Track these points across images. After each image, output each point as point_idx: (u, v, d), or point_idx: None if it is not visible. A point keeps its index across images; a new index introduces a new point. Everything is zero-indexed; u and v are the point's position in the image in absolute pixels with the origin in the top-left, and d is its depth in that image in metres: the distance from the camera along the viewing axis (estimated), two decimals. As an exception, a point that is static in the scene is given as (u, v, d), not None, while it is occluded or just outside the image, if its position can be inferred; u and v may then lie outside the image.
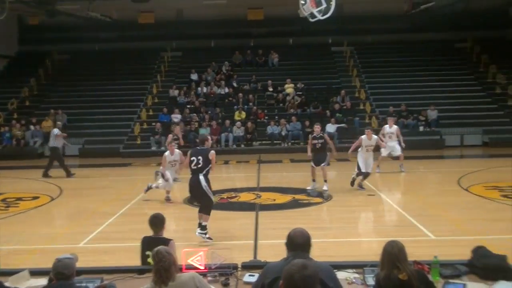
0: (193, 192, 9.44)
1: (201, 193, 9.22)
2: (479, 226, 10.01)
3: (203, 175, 9.13)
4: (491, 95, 27.33)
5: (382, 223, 10.49)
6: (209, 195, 9.25)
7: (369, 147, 14.16)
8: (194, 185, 9.20)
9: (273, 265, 4.20)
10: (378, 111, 26.28)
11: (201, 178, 9.11)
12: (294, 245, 4.23)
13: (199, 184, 9.12)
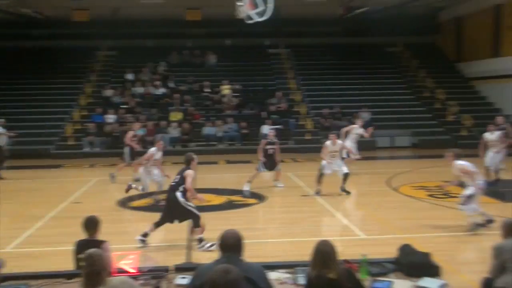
0: (168, 209, 9.06)
1: (182, 210, 8.87)
2: (407, 225, 10.37)
3: (180, 192, 8.85)
4: (420, 98, 28.38)
5: (314, 223, 10.69)
6: (191, 209, 8.92)
7: (333, 152, 13.92)
8: (171, 203, 8.95)
9: (205, 268, 4.20)
10: (313, 113, 26.74)
11: (177, 195, 8.85)
12: (225, 246, 4.25)
13: (176, 201, 8.85)
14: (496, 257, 5.58)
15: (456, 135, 25.40)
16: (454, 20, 32.13)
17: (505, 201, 12.66)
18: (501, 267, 5.49)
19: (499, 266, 5.51)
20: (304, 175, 16.88)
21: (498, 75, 27.27)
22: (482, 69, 28.82)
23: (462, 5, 29.79)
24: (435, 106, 27.75)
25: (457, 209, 10.54)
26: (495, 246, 5.65)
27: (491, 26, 28.28)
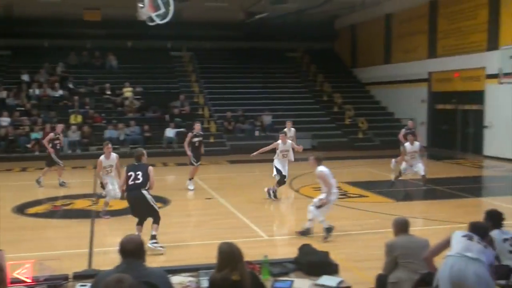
0: (137, 207, 8.99)
1: (148, 208, 8.89)
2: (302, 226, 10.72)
3: (145, 190, 8.81)
4: (319, 102, 29.41)
5: (219, 225, 10.78)
6: (155, 207, 8.99)
7: (285, 152, 13.83)
8: (139, 200, 8.85)
9: (104, 274, 4.14)
10: (216, 116, 26.90)
11: (144, 193, 8.78)
12: (125, 252, 4.20)
13: (144, 199, 8.79)
14: (388, 254, 5.91)
15: (352, 137, 26.58)
16: (350, 28, 33.63)
17: (398, 200, 13.41)
18: (394, 263, 5.83)
19: (392, 262, 5.84)
20: (208, 178, 16.96)
21: (390, 80, 28.89)
22: (375, 75, 30.40)
23: (356, 14, 31.24)
24: (333, 109, 28.86)
25: (355, 208, 11.08)
26: (388, 243, 5.99)
27: (383, 34, 29.89)
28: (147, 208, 8.93)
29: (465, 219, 10.63)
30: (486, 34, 22.14)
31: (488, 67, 21.29)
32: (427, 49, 26.11)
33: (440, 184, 15.82)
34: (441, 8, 25.23)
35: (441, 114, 25.32)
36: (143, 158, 9.16)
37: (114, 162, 11.69)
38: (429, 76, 25.87)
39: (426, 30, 26.15)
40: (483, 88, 22.17)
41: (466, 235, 5.20)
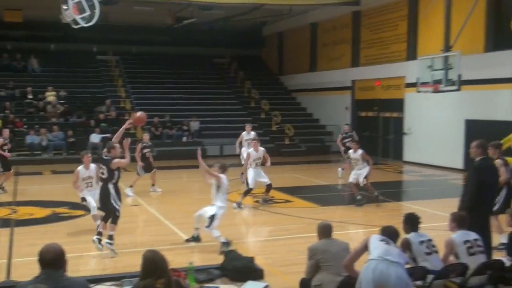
0: (102, 201, 9.24)
1: (108, 205, 9.07)
2: (235, 231, 10.83)
3: (112, 183, 9.01)
4: (246, 108, 29.66)
5: (145, 233, 10.69)
6: (115, 205, 9.05)
7: (258, 160, 13.53)
8: (103, 195, 9.10)
9: (23, 285, 4.05)
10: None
11: (109, 187, 8.98)
12: (44, 262, 4.11)
13: (108, 194, 9.00)
14: (311, 258, 6.09)
15: (279, 143, 26.96)
16: (277, 35, 34.18)
17: (323, 205, 13.75)
18: (316, 267, 6.01)
19: (314, 265, 6.02)
20: (135, 184, 16.71)
21: (315, 88, 29.58)
22: (301, 82, 31.04)
23: (283, 22, 31.80)
24: (260, 116, 29.19)
25: (281, 213, 11.27)
26: (310, 248, 6.16)
27: (308, 42, 30.58)
28: (106, 204, 9.09)
29: (386, 222, 11.07)
30: (405, 45, 23.14)
31: (407, 76, 22.22)
32: (351, 58, 26.96)
33: (362, 189, 16.34)
34: (363, 19, 26.13)
35: (363, 121, 26.18)
36: (113, 151, 9.17)
37: (94, 173, 10.54)
38: (353, 84, 26.70)
39: (350, 39, 27.00)
40: (402, 97, 23.14)
41: (383, 240, 5.45)
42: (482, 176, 7.39)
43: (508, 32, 18.55)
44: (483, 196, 7.33)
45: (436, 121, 20.95)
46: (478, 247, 6.18)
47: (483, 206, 7.34)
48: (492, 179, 7.55)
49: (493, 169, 7.72)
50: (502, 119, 18.08)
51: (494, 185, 7.63)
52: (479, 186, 7.33)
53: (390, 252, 5.27)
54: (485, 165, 7.51)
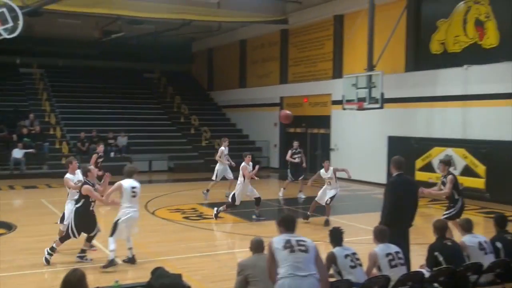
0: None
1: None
2: (162, 248, 10.73)
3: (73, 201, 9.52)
4: (176, 124, 29.51)
5: (69, 251, 10.38)
6: (69, 223, 9.29)
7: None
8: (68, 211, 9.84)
9: None
10: (69, 136, 25.87)
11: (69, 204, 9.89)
12: None
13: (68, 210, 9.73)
14: (239, 273, 6.09)
15: (209, 159, 26.91)
16: (207, 51, 34.35)
17: (252, 221, 13.84)
18: (244, 282, 6.03)
19: (242, 281, 6.03)
20: (59, 201, 16.17)
21: (245, 104, 29.89)
22: (231, 98, 31.29)
23: (213, 38, 32.04)
24: (190, 131, 29.12)
25: (210, 229, 11.24)
26: (240, 263, 6.20)
27: (238, 59, 30.93)
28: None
29: (314, 237, 11.32)
30: (331, 63, 23.86)
31: (333, 94, 22.89)
32: (279, 75, 27.47)
33: (291, 204, 16.66)
34: (291, 37, 26.74)
35: (292, 137, 26.55)
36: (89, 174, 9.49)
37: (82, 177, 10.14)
38: (281, 101, 27.17)
39: (278, 57, 27.54)
40: (329, 113, 23.77)
41: (287, 246, 5.28)
42: (397, 192, 7.66)
43: (427, 54, 19.56)
44: (399, 211, 7.57)
45: (361, 137, 21.67)
46: (399, 259, 6.45)
47: (400, 221, 7.59)
48: (407, 195, 7.70)
49: (408, 184, 7.92)
50: (421, 135, 18.96)
51: (410, 200, 7.73)
52: (394, 202, 7.59)
53: (299, 264, 5.19)
54: (399, 181, 7.75)
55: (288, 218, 5.57)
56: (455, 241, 7.01)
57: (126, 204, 9.20)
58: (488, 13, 17.42)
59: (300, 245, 5.28)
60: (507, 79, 16.46)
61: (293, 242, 5.30)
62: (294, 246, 5.26)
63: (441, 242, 6.92)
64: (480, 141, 17.07)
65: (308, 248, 5.30)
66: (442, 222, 7.16)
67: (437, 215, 14.75)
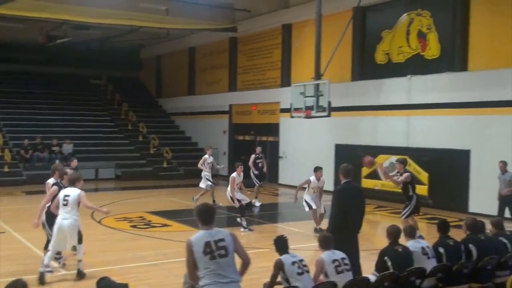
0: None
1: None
2: (108, 257, 10.55)
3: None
4: (123, 131, 29.10)
5: (12, 262, 10.08)
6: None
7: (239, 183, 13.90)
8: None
9: None
10: (12, 143, 25.09)
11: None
12: None
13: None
14: (186, 282, 6.02)
15: (157, 167, 26.72)
16: (155, 58, 34.09)
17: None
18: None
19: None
20: (3, 210, 15.76)
21: (194, 111, 29.81)
22: (180, 105, 31.16)
23: (161, 45, 31.85)
24: (138, 139, 28.77)
25: (158, 238, 11.10)
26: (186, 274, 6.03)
27: (187, 66, 30.85)
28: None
29: (262, 244, 11.41)
30: (280, 72, 24.12)
31: (282, 102, 23.12)
32: (228, 82, 27.55)
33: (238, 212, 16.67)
34: (240, 45, 26.88)
35: (241, 144, 26.73)
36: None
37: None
38: (230, 109, 27.24)
39: (227, 64, 27.62)
40: (278, 121, 23.99)
41: (207, 251, 5.18)
42: (344, 198, 7.88)
43: (372, 63, 20.06)
44: (346, 218, 7.78)
45: (308, 145, 21.95)
46: (345, 265, 6.58)
47: (347, 227, 7.79)
48: (354, 202, 7.93)
49: (355, 191, 8.16)
50: (367, 144, 19.39)
51: (357, 207, 7.96)
52: (341, 208, 7.83)
53: (220, 271, 5.11)
54: (347, 188, 7.98)
55: (204, 210, 5.33)
56: (406, 247, 7.16)
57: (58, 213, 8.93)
58: (430, 25, 18.02)
59: (220, 248, 5.14)
60: (448, 89, 17.07)
61: (213, 245, 5.14)
62: (214, 252, 5.12)
63: (392, 247, 7.10)
64: (423, 149, 17.59)
65: (227, 250, 5.18)
66: (395, 228, 7.30)
67: (384, 221, 15.15)
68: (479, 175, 16.03)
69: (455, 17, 17.24)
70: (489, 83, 15.99)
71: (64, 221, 8.82)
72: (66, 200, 8.88)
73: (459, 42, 17.06)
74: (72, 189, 9.01)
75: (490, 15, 16.32)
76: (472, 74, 16.68)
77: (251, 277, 8.71)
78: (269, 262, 6.73)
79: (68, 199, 8.86)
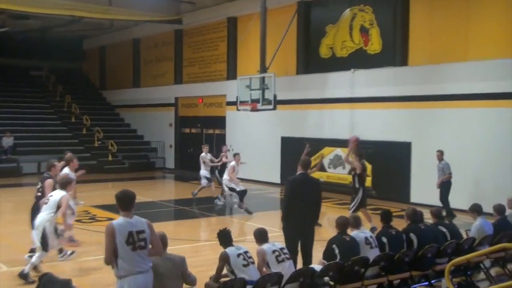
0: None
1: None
2: (52, 252, 10.33)
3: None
4: (66, 124, 28.43)
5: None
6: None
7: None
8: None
9: None
10: None
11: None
12: None
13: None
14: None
15: (102, 160, 26.29)
16: (99, 49, 33.40)
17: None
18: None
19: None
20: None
21: (139, 104, 29.45)
22: (125, 98, 30.71)
23: (105, 36, 31.25)
24: (82, 132, 28.19)
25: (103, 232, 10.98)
26: None
27: (131, 58, 30.40)
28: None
29: (209, 237, 11.46)
30: (226, 65, 24.13)
31: (228, 95, 23.16)
32: (174, 75, 27.35)
33: (187, 205, 16.68)
34: (185, 37, 26.72)
35: (187, 137, 26.63)
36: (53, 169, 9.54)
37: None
38: (176, 101, 27.06)
39: (172, 57, 27.40)
40: (224, 114, 24.02)
41: (129, 242, 5.32)
42: (294, 188, 8.13)
43: (317, 57, 20.35)
44: (296, 207, 8.03)
45: (255, 138, 22.09)
46: (285, 254, 6.78)
47: (297, 216, 8.02)
48: (306, 192, 8.16)
49: (308, 182, 8.40)
50: (312, 136, 19.69)
51: (309, 197, 8.18)
52: (291, 198, 8.09)
53: (139, 262, 5.29)
54: (299, 179, 8.28)
55: (123, 197, 5.40)
56: (353, 237, 7.38)
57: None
58: (372, 20, 18.44)
59: (140, 240, 5.32)
60: (389, 83, 17.54)
61: (135, 236, 5.30)
62: (136, 242, 5.28)
63: (341, 236, 7.32)
64: (367, 142, 17.99)
65: (146, 241, 5.38)
66: (343, 219, 7.51)
67: (330, 212, 15.48)
68: (420, 167, 16.59)
69: (396, 13, 17.70)
70: (428, 77, 16.52)
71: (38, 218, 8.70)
72: (48, 199, 8.78)
73: (400, 38, 17.55)
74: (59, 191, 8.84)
75: (430, 11, 16.84)
76: (412, 68, 17.19)
77: (199, 269, 8.78)
78: (216, 254, 6.81)
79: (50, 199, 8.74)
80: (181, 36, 26.88)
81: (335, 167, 19.01)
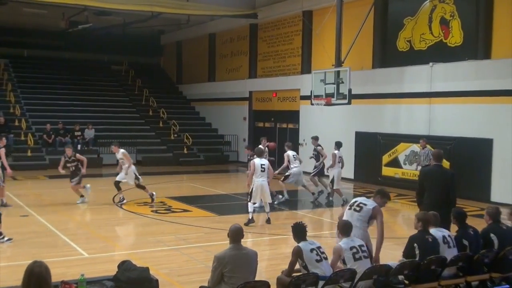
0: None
1: None
2: (131, 241, 10.71)
3: None
4: (144, 117, 29.29)
5: (35, 244, 10.27)
6: None
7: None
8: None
9: None
10: (34, 128, 25.44)
11: None
12: None
13: None
14: (216, 268, 5.94)
15: (177, 153, 26.89)
16: (176, 44, 34.13)
17: (221, 215, 13.88)
18: (220, 277, 5.88)
19: (218, 276, 5.87)
20: (24, 194, 16.06)
21: (214, 97, 29.86)
22: (200, 92, 31.22)
23: (182, 31, 31.90)
24: (159, 125, 28.94)
25: (179, 223, 11.19)
26: (217, 256, 5.94)
27: (207, 52, 30.85)
28: None
29: (282, 231, 11.45)
30: (300, 59, 24.00)
31: (302, 89, 23.05)
32: (248, 69, 27.51)
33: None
34: (260, 32, 26.79)
35: (261, 131, 26.69)
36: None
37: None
38: (250, 95, 27.23)
39: (247, 51, 27.56)
40: (298, 108, 23.93)
41: None
42: (424, 178, 8.85)
43: (394, 51, 19.85)
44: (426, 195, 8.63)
45: (328, 132, 21.77)
46: (363, 252, 6.59)
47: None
48: (436, 182, 8.64)
49: (438, 173, 8.81)
50: (388, 131, 19.25)
51: (440, 187, 8.61)
52: (421, 187, 8.81)
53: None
54: (433, 170, 8.95)
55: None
56: (435, 237, 7.07)
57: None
58: (453, 12, 17.77)
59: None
60: (470, 77, 16.85)
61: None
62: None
63: (423, 235, 6.99)
64: (445, 138, 17.42)
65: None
66: (426, 215, 7.20)
67: (404, 210, 15.10)
68: (502, 164, 15.85)
69: (479, 4, 16.95)
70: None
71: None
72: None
73: (482, 29, 16.79)
74: None
75: (515, 2, 16.03)
76: (496, 62, 16.42)
77: (270, 263, 8.80)
78: (288, 248, 6.76)
79: None
80: (256, 30, 26.99)
81: (411, 163, 18.50)
